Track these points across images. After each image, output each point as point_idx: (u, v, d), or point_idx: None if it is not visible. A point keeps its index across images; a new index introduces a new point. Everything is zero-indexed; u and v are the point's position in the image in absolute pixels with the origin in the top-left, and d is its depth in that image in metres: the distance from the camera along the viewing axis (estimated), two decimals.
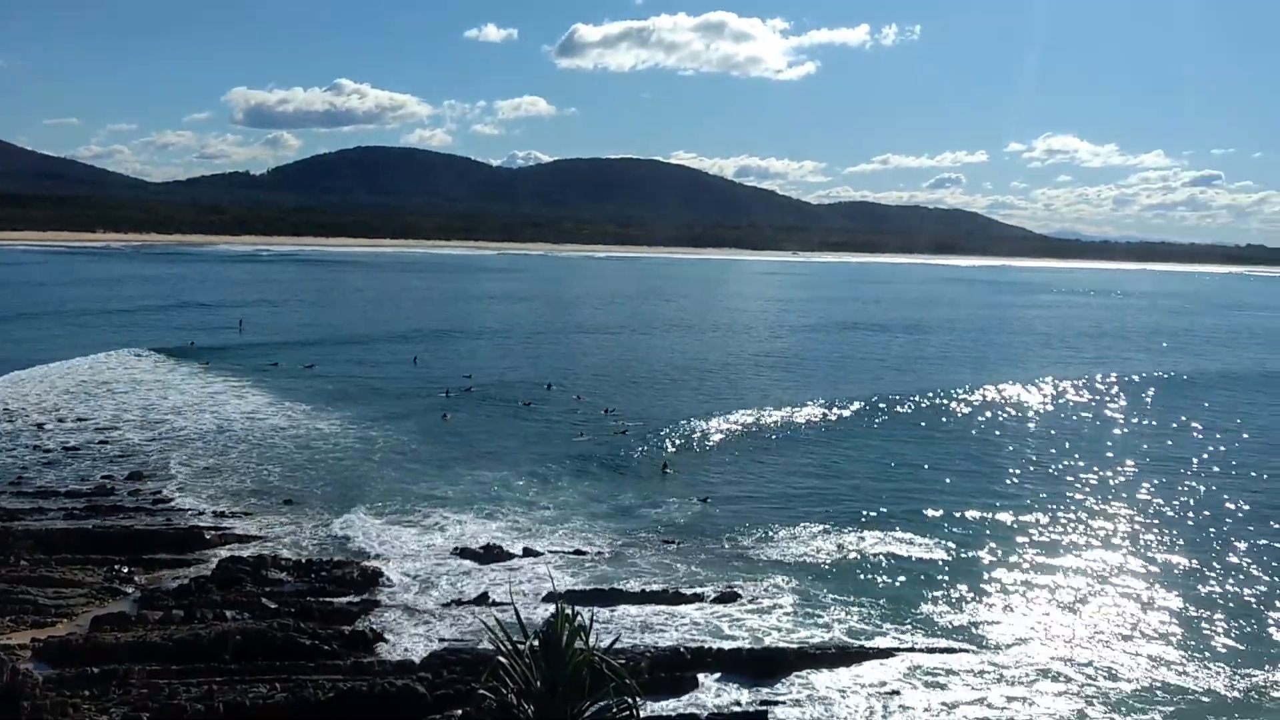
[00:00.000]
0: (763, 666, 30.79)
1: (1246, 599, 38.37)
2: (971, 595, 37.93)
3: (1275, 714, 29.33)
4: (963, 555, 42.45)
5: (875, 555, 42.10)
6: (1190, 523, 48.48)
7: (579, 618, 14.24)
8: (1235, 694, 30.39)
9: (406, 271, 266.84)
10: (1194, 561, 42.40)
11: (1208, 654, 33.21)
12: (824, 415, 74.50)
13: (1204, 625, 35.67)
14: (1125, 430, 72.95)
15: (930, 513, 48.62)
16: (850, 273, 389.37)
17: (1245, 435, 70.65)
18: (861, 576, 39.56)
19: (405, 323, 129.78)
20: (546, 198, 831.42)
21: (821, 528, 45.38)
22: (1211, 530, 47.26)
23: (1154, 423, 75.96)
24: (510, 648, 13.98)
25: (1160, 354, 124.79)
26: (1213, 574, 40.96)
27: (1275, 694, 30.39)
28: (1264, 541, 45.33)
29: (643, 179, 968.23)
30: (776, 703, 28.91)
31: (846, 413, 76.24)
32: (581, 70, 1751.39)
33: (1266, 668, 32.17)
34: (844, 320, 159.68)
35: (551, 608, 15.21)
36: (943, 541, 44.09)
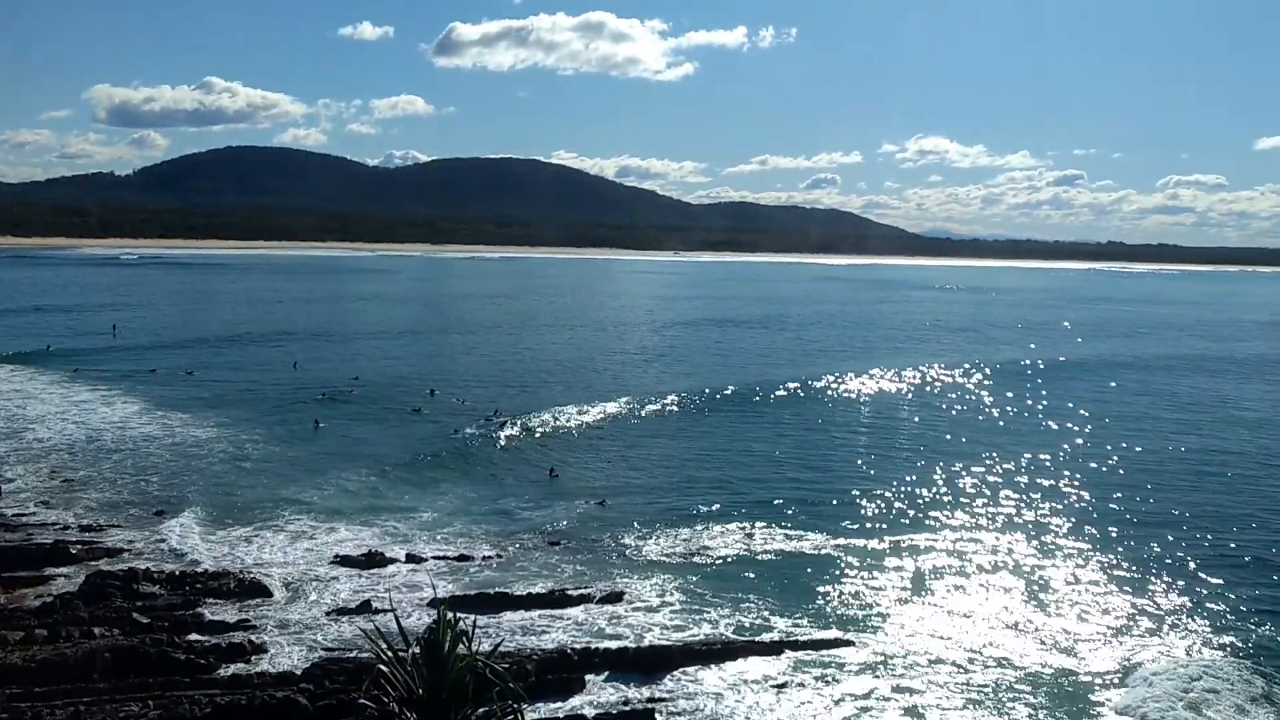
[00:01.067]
0: (650, 665, 30.95)
1: (1126, 578, 40.02)
2: (859, 586, 38.73)
3: (1157, 691, 30.56)
4: (850, 546, 43.28)
5: (765, 549, 42.69)
6: (1067, 505, 50.37)
7: (461, 623, 14.08)
8: (1117, 672, 31.71)
9: (281, 274, 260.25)
10: (1073, 543, 44.15)
11: (1090, 635, 34.58)
12: (710, 411, 75.31)
13: (1086, 607, 37.12)
14: (1000, 416, 75.83)
15: (817, 504, 49.66)
16: (731, 272, 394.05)
17: (1107, 419, 74.08)
18: (751, 571, 40.06)
19: (283, 326, 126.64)
20: (425, 198, 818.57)
21: (710, 524, 45.87)
22: (1089, 512, 49.22)
23: (1026, 408, 79.71)
24: (391, 655, 13.77)
25: (1028, 344, 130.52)
26: (1092, 555, 42.68)
27: (1154, 669, 31.78)
28: (1137, 521, 47.52)
29: (523, 179, 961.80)
30: (664, 700, 29.09)
31: (732, 407, 77.30)
32: (460, 69, 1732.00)
33: (1148, 645, 33.70)
34: (726, 317, 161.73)
35: (435, 614, 15.00)
36: (830, 532, 44.94)
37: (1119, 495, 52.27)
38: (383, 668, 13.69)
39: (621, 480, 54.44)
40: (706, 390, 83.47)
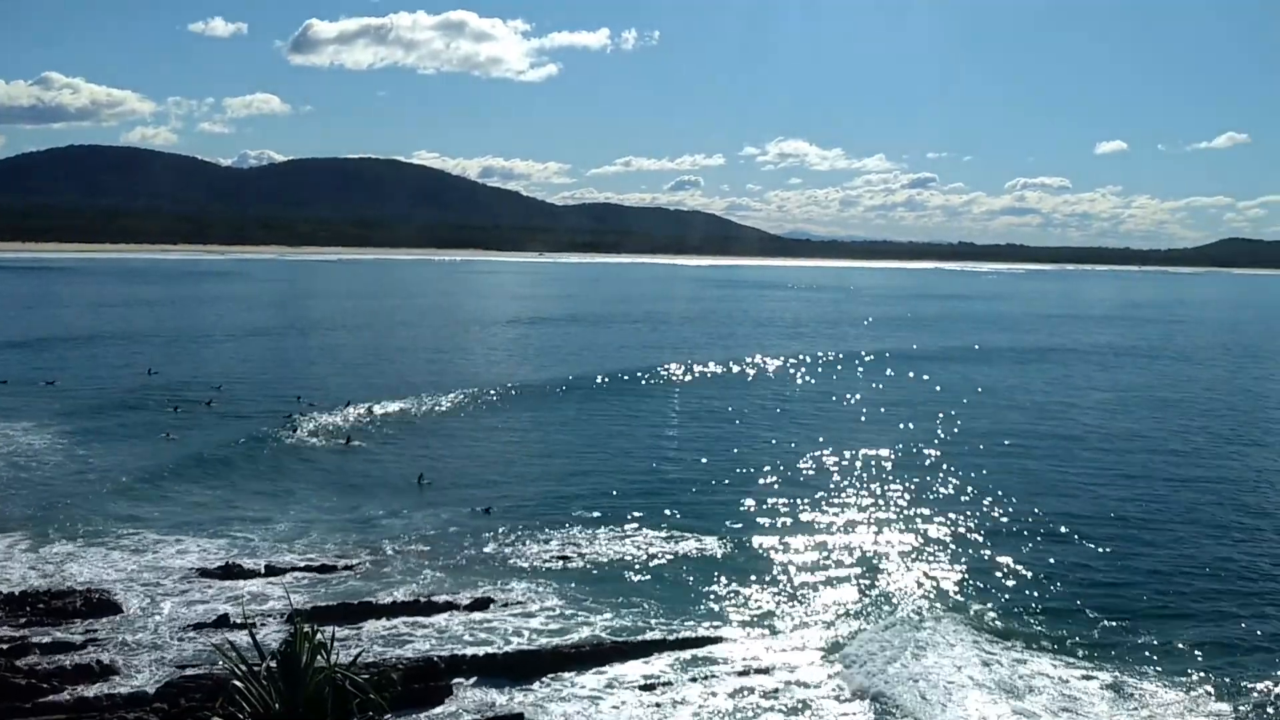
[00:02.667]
0: (519, 670, 30.71)
1: (999, 563, 41.39)
2: (730, 584, 39.02)
3: (1038, 687, 31.75)
4: (727, 542, 43.72)
5: (639, 549, 42.76)
6: (920, 490, 51.74)
7: (320, 634, 13.73)
8: (999, 661, 32.77)
9: (130, 279, 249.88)
10: (941, 532, 45.42)
11: (972, 623, 35.57)
12: (581, 409, 75.47)
13: (963, 595, 38.20)
14: (857, 407, 78.26)
15: (689, 500, 50.18)
16: (597, 273, 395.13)
17: (964, 401, 77.03)
18: (624, 572, 40.09)
19: (132, 332, 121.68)
20: (281, 198, 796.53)
21: (584, 525, 45.79)
22: (940, 498, 50.86)
23: (889, 396, 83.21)
24: (245, 670, 13.34)
25: (887, 337, 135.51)
26: (963, 541, 44.07)
27: (1037, 661, 33.04)
28: (1003, 505, 49.25)
29: (383, 179, 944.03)
30: (532, 705, 28.91)
31: (604, 405, 77.61)
32: (317, 67, 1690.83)
33: (1028, 635, 34.94)
34: (594, 316, 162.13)
35: (293, 626, 14.59)
36: (707, 529, 45.30)
37: (974, 478, 54.15)
38: (237, 683, 13.26)
39: (493, 483, 53.85)
40: (577, 388, 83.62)
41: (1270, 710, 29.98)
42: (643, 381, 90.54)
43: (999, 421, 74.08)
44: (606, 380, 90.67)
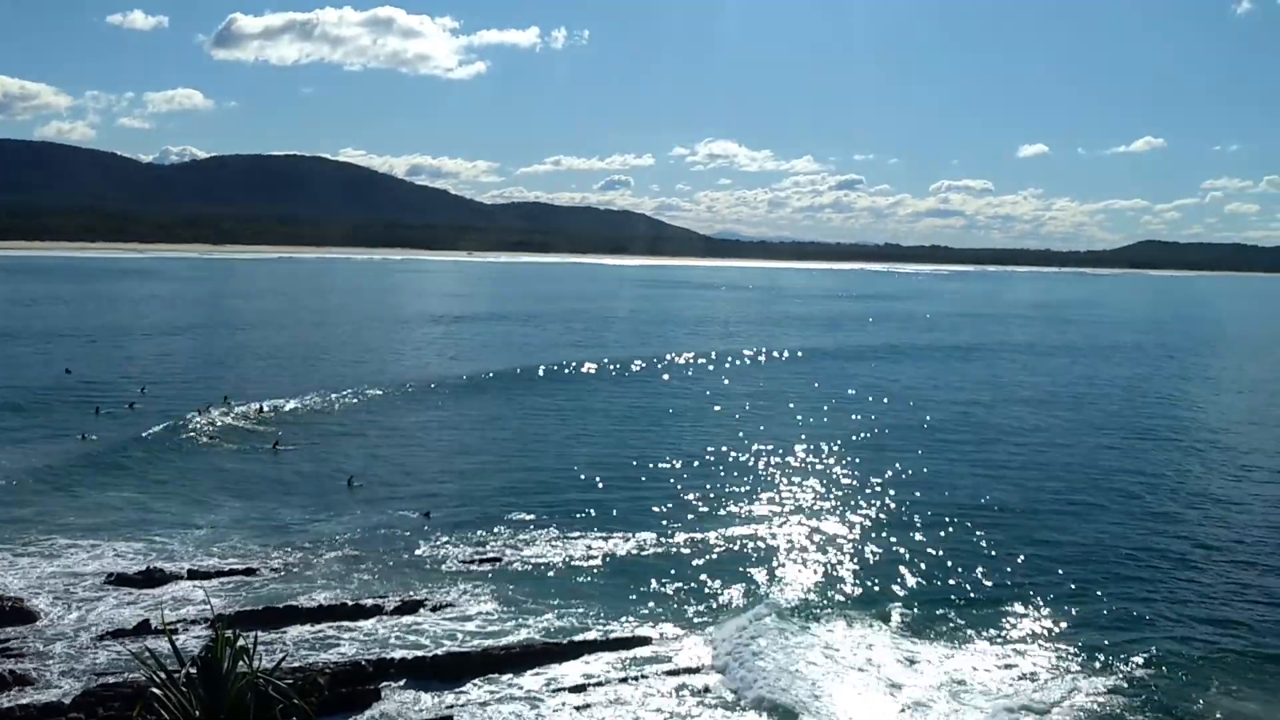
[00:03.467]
0: (450, 672, 30.37)
1: (911, 552, 41.70)
2: (668, 582, 38.94)
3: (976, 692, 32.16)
4: (659, 540, 43.69)
5: (573, 549, 42.52)
6: (847, 483, 52.23)
7: (242, 639, 13.40)
8: (929, 654, 33.17)
9: (46, 276, 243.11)
10: (852, 520, 45.83)
11: (895, 615, 35.88)
12: (514, 407, 75.07)
13: (884, 586, 38.52)
14: (792, 403, 78.91)
15: (621, 499, 50.10)
16: (526, 271, 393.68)
17: (886, 398, 78.06)
18: (559, 573, 39.81)
19: (50, 331, 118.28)
20: (205, 196, 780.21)
21: (517, 526, 45.44)
22: (886, 490, 51.24)
23: (813, 393, 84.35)
24: (164, 677, 12.96)
25: (813, 336, 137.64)
26: (881, 533, 44.29)
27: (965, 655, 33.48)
28: (923, 495, 49.75)
29: (309, 177, 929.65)
30: (461, 708, 28.63)
31: (534, 403, 77.35)
32: (241, 62, 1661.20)
33: (946, 623, 35.42)
34: (526, 314, 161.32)
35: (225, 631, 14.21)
36: (640, 527, 45.25)
37: (894, 471, 54.90)
38: (155, 691, 12.87)
39: (424, 484, 53.26)
40: (507, 387, 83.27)
41: (1131, 681, 31.12)
42: (573, 379, 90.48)
43: (914, 417, 76.05)
44: (537, 378, 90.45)
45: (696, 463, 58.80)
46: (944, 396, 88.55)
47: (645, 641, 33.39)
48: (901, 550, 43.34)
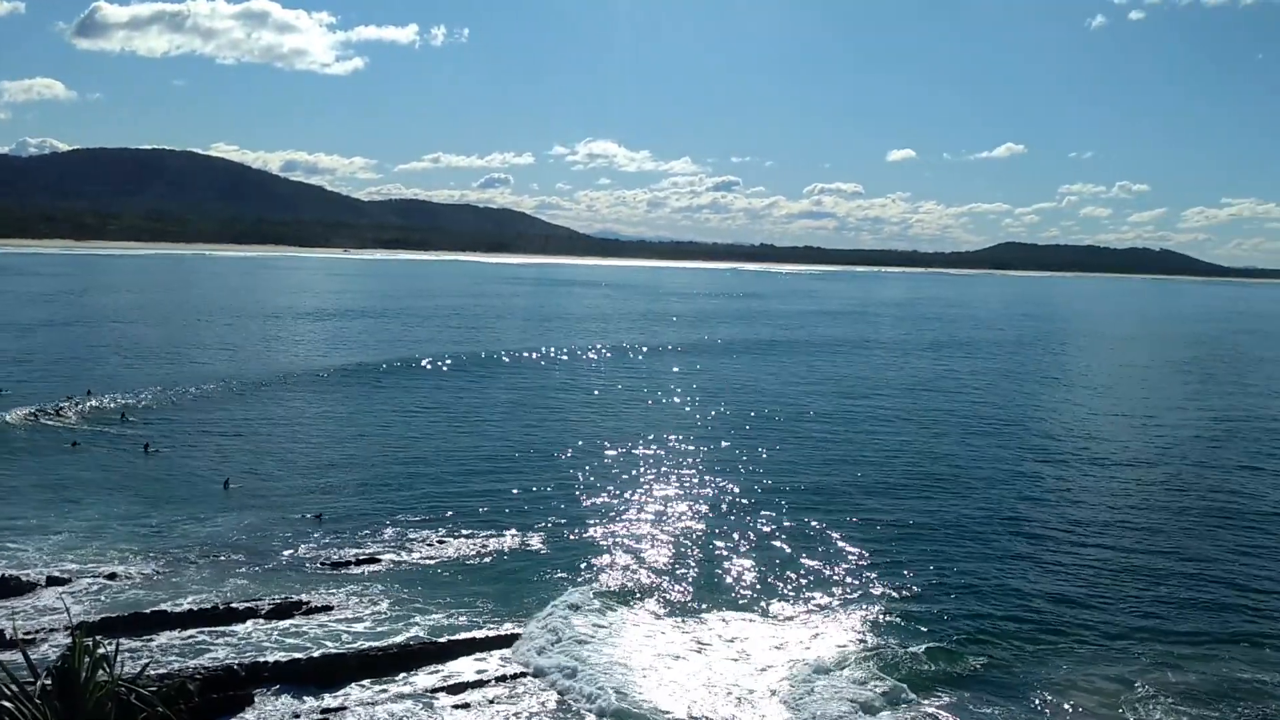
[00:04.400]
0: (327, 675, 29.49)
1: (812, 550, 42.25)
2: (552, 577, 38.53)
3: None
4: (545, 535, 43.19)
5: (456, 547, 41.79)
6: (729, 475, 52.56)
7: (102, 647, 12.62)
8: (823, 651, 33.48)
9: None
10: (736, 515, 46.10)
11: (771, 614, 36.17)
12: (391, 404, 73.63)
13: (760, 585, 38.80)
14: (675, 394, 79.65)
15: (505, 493, 49.63)
16: (404, 269, 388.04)
17: (753, 391, 79.22)
18: (439, 571, 39.05)
19: None
20: (66, 189, 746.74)
21: (398, 524, 44.47)
22: (753, 476, 51.71)
23: (694, 385, 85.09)
24: (16, 690, 12.12)
25: (692, 331, 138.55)
26: (755, 524, 44.72)
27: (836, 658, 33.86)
28: (790, 480, 50.16)
29: (179, 171, 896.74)
30: (337, 710, 27.82)
31: (414, 398, 76.18)
32: (106, 53, 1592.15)
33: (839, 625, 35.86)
34: (402, 309, 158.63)
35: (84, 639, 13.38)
36: (525, 524, 44.71)
37: (763, 459, 55.64)
38: (6, 704, 12.03)
39: (303, 483, 51.74)
40: (385, 383, 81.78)
41: (923, 645, 32.53)
42: (452, 375, 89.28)
43: (775, 408, 78.21)
44: (415, 374, 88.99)
45: (575, 455, 58.96)
46: (802, 389, 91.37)
47: (515, 640, 32.92)
48: (772, 537, 43.86)
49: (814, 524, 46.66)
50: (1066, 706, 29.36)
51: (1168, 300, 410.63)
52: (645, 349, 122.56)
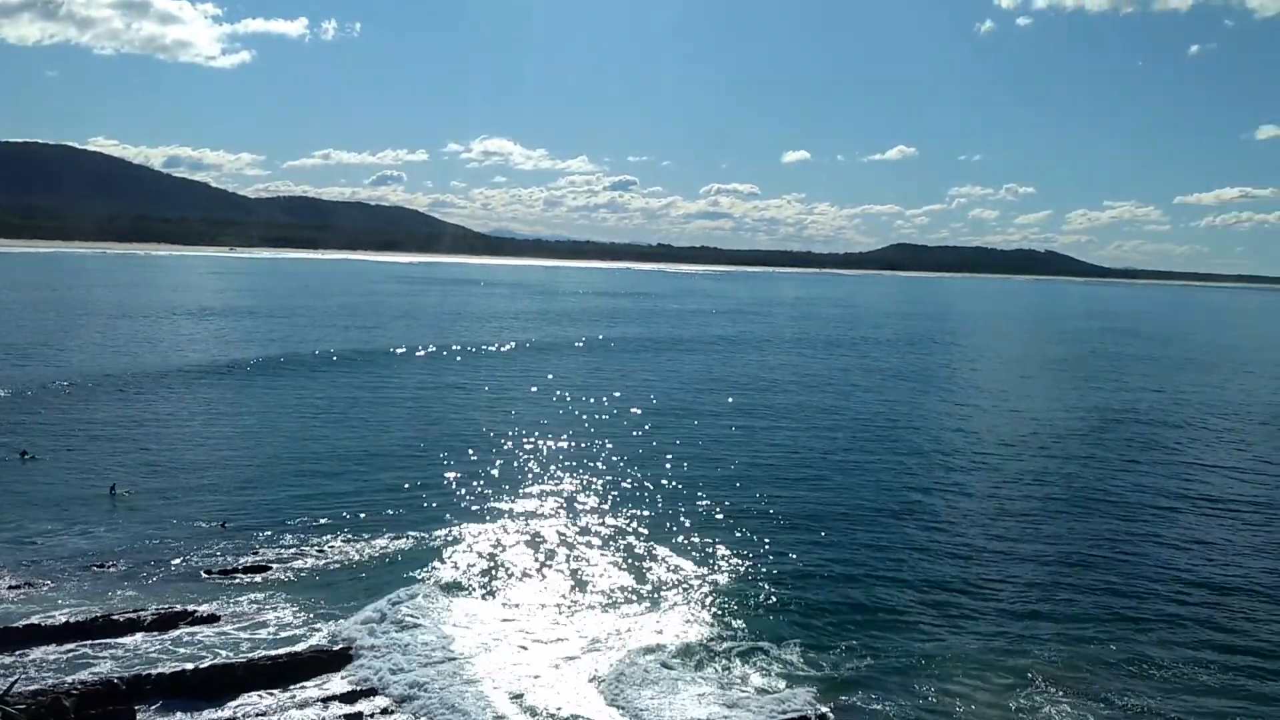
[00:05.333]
0: (213, 687, 28.52)
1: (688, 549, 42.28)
2: (456, 585, 37.80)
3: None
4: (446, 541, 42.37)
5: (350, 549, 40.85)
6: (605, 476, 52.50)
7: None
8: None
9: None
10: (630, 514, 45.89)
11: (632, 615, 36.01)
12: (279, 405, 71.75)
13: (627, 583, 38.65)
14: (565, 393, 79.03)
15: (398, 494, 48.70)
16: (292, 268, 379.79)
17: (646, 389, 79.39)
18: (336, 575, 38.07)
19: None
20: None
21: (290, 529, 43.29)
22: (639, 470, 51.72)
23: (587, 383, 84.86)
24: None
25: (586, 329, 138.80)
26: (630, 527, 44.73)
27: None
28: (667, 469, 50.53)
29: (54, 166, 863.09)
30: None
31: (302, 398, 74.35)
32: None
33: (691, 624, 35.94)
34: (288, 308, 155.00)
35: None
36: (413, 524, 43.86)
37: (667, 472, 55.86)
38: None
39: (192, 489, 49.88)
40: (273, 384, 79.45)
41: (772, 639, 32.84)
42: (336, 374, 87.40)
43: (674, 405, 78.38)
44: (300, 373, 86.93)
45: (466, 453, 58.49)
46: (688, 386, 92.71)
47: (437, 644, 32.37)
48: (651, 531, 43.97)
49: (697, 517, 47.05)
50: (951, 690, 29.87)
51: (1051, 300, 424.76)
52: (536, 348, 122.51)
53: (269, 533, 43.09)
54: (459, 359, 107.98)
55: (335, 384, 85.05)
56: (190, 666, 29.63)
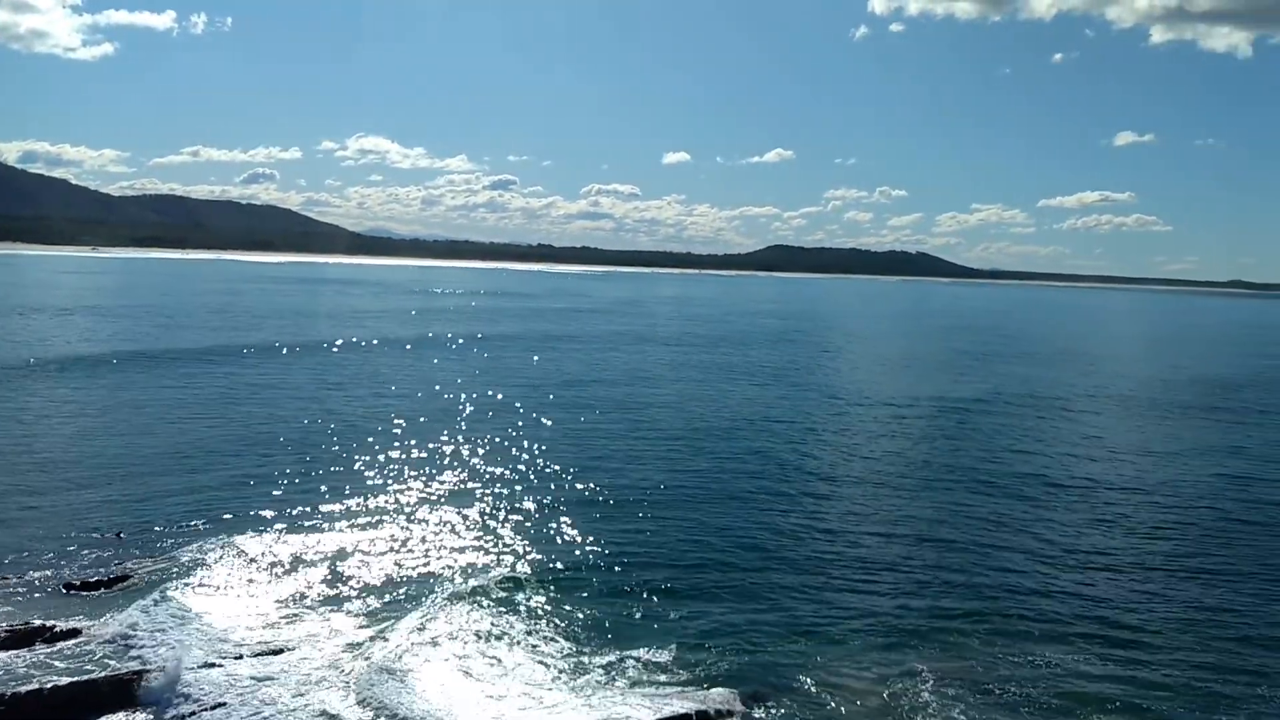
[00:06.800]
0: (71, 708, 26.94)
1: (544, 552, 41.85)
2: (320, 584, 36.44)
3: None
4: (302, 547, 40.47)
5: (218, 553, 39.05)
6: (486, 466, 51.33)
7: None
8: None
9: None
10: (477, 517, 45.22)
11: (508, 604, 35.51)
12: (144, 399, 69.12)
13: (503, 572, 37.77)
14: (428, 388, 78.25)
15: (271, 492, 46.57)
16: (159, 268, 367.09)
17: (515, 386, 79.31)
18: (206, 582, 36.05)
19: None
20: None
21: (156, 536, 41.07)
22: (506, 465, 50.99)
23: (466, 380, 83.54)
24: None
25: (460, 327, 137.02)
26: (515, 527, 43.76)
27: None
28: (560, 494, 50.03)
29: None
30: None
31: (182, 397, 71.80)
32: None
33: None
34: (155, 308, 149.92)
35: None
36: (290, 527, 41.97)
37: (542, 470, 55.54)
38: None
39: (45, 493, 46.78)
40: (134, 381, 76.49)
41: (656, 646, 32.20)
42: (203, 372, 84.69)
43: (544, 402, 78.05)
44: (164, 372, 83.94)
45: (334, 452, 56.53)
46: (557, 383, 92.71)
47: (290, 649, 31.32)
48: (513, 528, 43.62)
49: (563, 518, 45.95)
50: (828, 680, 29.48)
51: (919, 300, 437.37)
52: (408, 346, 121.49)
53: (139, 536, 40.79)
54: (324, 357, 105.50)
55: (196, 381, 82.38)
56: (49, 685, 28.15)
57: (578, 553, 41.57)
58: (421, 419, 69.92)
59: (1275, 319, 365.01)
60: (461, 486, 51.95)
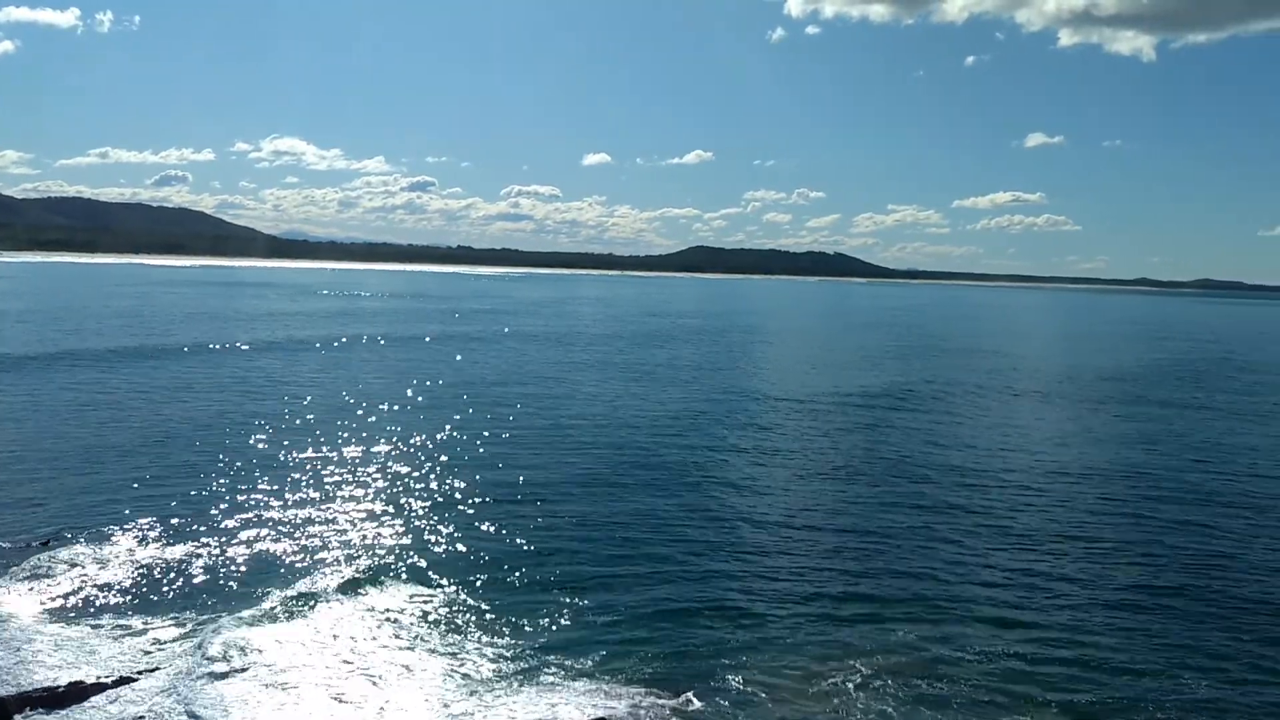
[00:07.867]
0: None
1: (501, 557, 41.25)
2: (228, 582, 35.15)
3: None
4: (254, 550, 39.29)
5: (147, 555, 37.64)
6: (400, 466, 51.02)
7: None
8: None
9: None
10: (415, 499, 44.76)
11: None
12: (40, 406, 66.64)
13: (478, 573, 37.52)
14: (337, 389, 76.58)
15: (175, 494, 45.17)
16: (65, 273, 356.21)
17: (431, 382, 78.31)
18: (124, 588, 34.81)
19: None
20: None
21: (75, 543, 39.31)
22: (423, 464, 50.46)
23: (389, 381, 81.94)
24: None
25: (403, 326, 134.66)
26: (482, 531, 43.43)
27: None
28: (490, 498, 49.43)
29: None
30: None
31: (98, 399, 69.27)
32: None
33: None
34: (57, 308, 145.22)
35: None
36: (199, 530, 40.46)
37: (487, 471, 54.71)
38: None
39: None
40: (23, 382, 73.88)
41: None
42: (108, 375, 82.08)
43: (461, 404, 76.66)
44: (66, 373, 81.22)
45: (254, 453, 55.08)
46: (480, 379, 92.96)
47: (241, 671, 30.06)
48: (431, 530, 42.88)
49: (482, 515, 45.26)
50: (761, 680, 29.33)
51: (840, 299, 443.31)
52: (323, 349, 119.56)
53: (58, 548, 39.02)
54: (233, 360, 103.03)
55: (102, 384, 79.88)
56: None
57: (496, 550, 40.91)
58: (335, 420, 68.57)
59: (1175, 315, 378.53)
60: (372, 487, 50.88)
